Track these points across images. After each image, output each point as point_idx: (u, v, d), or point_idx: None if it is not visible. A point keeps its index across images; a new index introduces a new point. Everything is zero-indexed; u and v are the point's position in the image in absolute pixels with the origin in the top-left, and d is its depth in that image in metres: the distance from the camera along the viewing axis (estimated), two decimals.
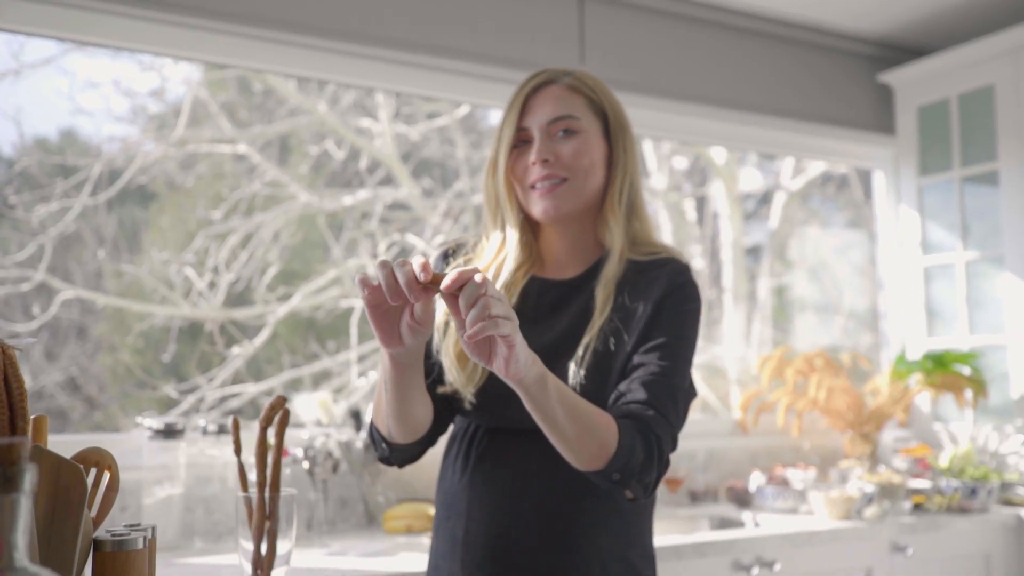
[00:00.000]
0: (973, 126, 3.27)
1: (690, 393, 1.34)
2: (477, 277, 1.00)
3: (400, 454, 1.36)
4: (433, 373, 1.39)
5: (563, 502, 1.32)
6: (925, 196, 3.45)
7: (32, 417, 0.92)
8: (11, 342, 0.77)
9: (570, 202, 1.37)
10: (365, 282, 1.05)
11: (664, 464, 1.25)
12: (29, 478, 0.62)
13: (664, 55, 3.04)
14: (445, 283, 1.01)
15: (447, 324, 1.37)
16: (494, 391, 1.32)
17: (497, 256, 1.42)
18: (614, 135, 1.41)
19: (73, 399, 3.97)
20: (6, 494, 0.61)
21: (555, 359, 1.33)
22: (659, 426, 1.24)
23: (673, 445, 1.28)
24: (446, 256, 1.48)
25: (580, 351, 1.32)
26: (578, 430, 1.16)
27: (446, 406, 1.39)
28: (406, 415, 1.26)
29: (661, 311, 1.32)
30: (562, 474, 1.29)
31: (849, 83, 3.45)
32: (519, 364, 1.05)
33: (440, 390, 1.38)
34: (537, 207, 1.38)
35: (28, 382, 3.41)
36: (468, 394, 1.35)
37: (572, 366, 1.32)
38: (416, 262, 1.02)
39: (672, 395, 1.28)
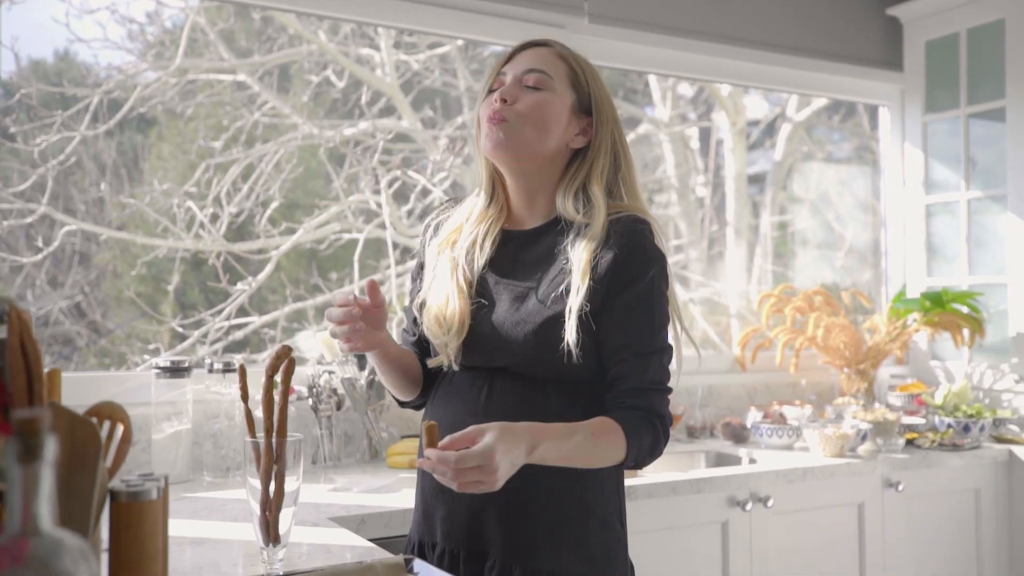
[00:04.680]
0: (981, 62, 3.24)
1: (669, 351, 1.43)
2: (446, 463, 1.19)
3: (413, 404, 1.62)
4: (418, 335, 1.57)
5: None
6: (930, 133, 3.42)
7: (45, 372, 0.95)
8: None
9: (512, 145, 1.42)
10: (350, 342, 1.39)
11: (668, 431, 1.41)
12: (50, 448, 0.64)
13: None
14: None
15: (423, 305, 1.51)
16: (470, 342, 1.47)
17: (471, 209, 1.53)
18: (597, 114, 1.46)
19: (78, 324, 4.00)
20: (28, 464, 0.64)
21: (520, 305, 1.43)
22: (659, 403, 1.40)
23: (668, 403, 1.43)
24: (433, 227, 1.59)
25: (571, 322, 1.37)
26: (589, 461, 1.34)
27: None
28: (403, 381, 1.54)
29: (621, 281, 1.38)
30: (525, 407, 1.40)
31: (856, 17, 3.40)
32: (500, 486, 1.23)
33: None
34: (483, 141, 1.45)
35: (33, 309, 3.44)
36: (453, 350, 1.47)
37: (568, 337, 1.37)
38: (343, 304, 1.37)
39: (660, 366, 1.41)
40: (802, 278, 4.54)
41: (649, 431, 1.37)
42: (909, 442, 2.76)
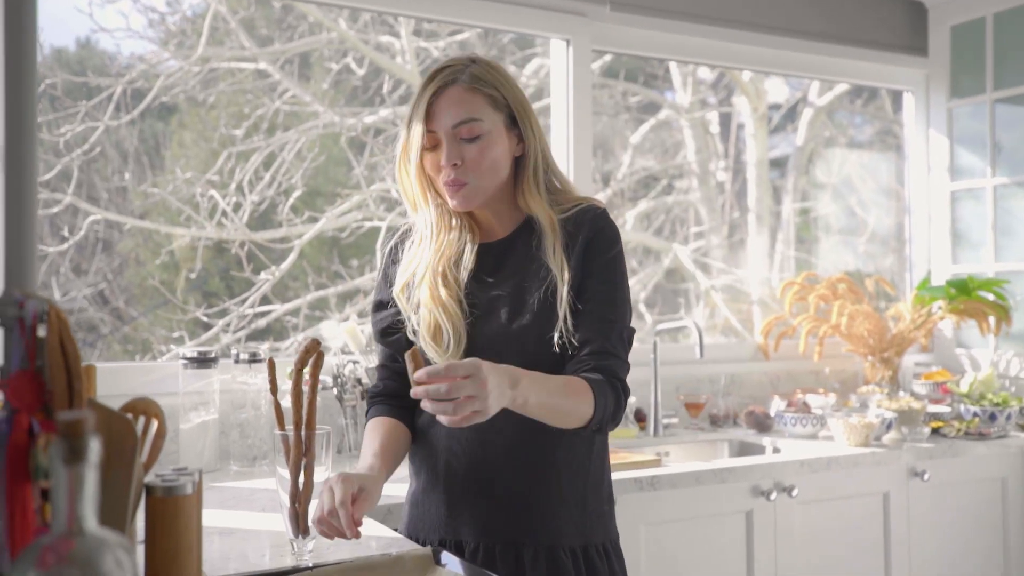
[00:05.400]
0: (1008, 46, 3.20)
1: (631, 329, 1.52)
2: (437, 376, 1.20)
3: None
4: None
5: (531, 434, 1.46)
6: (955, 119, 3.39)
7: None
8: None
9: (478, 198, 1.50)
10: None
11: (627, 396, 1.47)
12: (94, 449, 0.65)
13: None
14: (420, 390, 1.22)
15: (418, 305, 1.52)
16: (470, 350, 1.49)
17: (422, 240, 1.55)
18: (520, 122, 1.51)
19: (102, 311, 4.03)
20: (73, 465, 0.64)
21: (502, 311, 1.49)
22: (619, 369, 1.46)
23: (627, 371, 1.50)
24: (394, 250, 1.60)
25: (560, 324, 1.46)
26: (561, 417, 1.38)
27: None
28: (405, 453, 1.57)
29: (591, 259, 1.49)
30: None
31: (880, 2, 3.36)
32: (492, 412, 1.24)
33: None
34: (450, 202, 1.50)
35: (57, 296, 3.47)
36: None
37: (558, 336, 1.46)
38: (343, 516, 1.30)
39: (620, 337, 1.48)
40: (825, 264, 4.51)
41: (612, 393, 1.42)
42: (934, 431, 2.75)
